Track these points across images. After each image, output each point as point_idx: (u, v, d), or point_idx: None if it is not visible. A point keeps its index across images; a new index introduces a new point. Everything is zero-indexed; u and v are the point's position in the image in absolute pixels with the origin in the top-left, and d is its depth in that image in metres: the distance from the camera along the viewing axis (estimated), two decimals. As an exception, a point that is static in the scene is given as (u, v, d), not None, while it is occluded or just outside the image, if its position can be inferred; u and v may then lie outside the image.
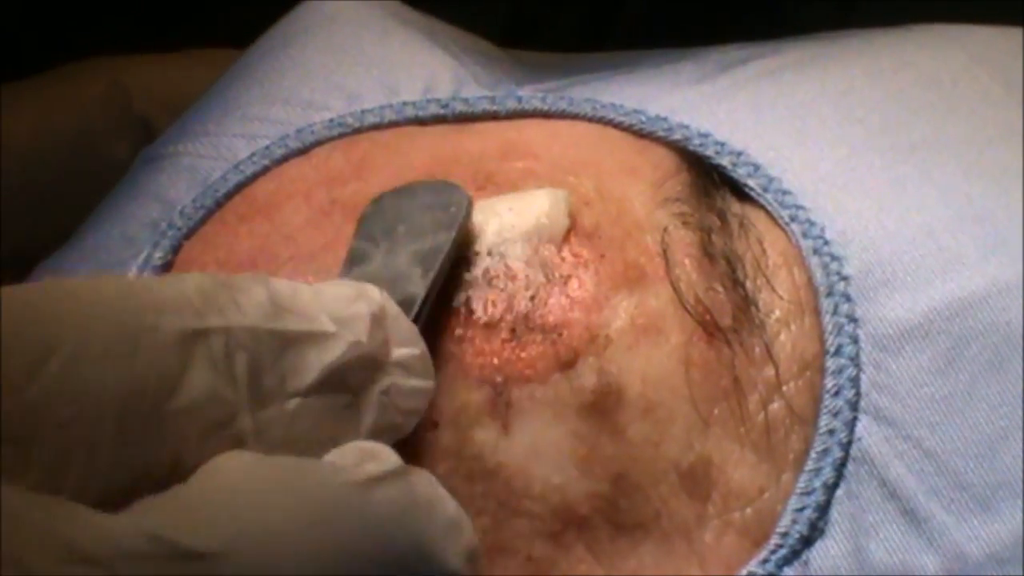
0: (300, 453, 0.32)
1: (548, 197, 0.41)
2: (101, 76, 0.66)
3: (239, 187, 0.46)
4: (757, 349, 0.40)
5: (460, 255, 0.40)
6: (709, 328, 0.40)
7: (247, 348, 0.32)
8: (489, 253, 0.40)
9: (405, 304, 0.37)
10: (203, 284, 0.32)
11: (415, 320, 0.37)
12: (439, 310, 0.39)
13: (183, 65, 0.55)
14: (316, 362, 0.33)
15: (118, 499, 0.29)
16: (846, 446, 0.39)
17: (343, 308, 0.34)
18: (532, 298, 0.40)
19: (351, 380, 0.34)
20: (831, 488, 0.39)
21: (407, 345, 0.35)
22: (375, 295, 0.35)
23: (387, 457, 0.32)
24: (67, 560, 0.25)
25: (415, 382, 0.35)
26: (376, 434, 0.34)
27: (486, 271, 0.40)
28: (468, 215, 0.40)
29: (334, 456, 0.32)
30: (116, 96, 0.65)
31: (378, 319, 0.34)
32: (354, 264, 0.39)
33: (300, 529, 0.28)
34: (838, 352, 0.40)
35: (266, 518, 0.28)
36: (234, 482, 0.29)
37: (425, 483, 0.32)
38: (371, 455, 0.32)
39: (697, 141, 0.45)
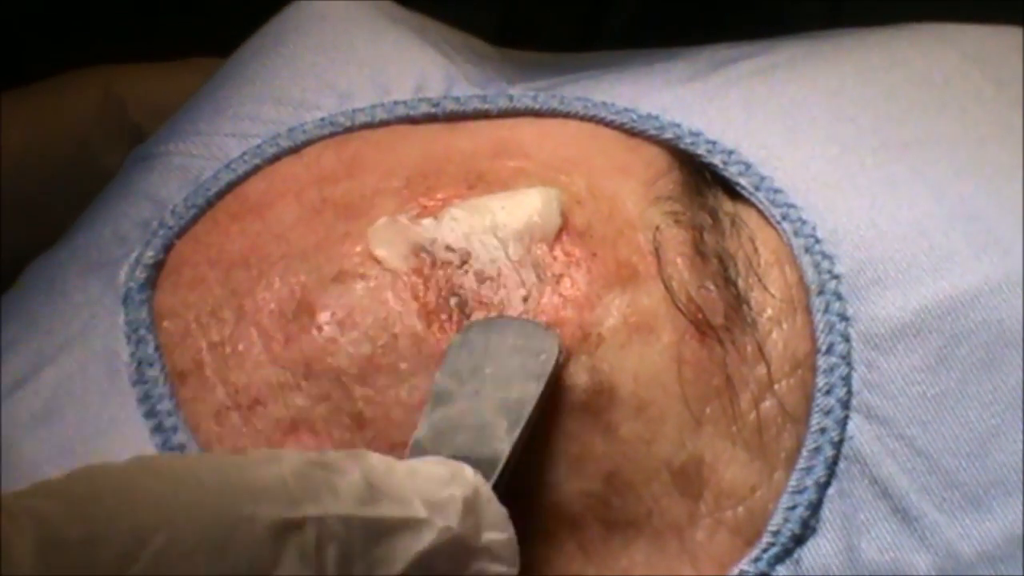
0: None
1: (540, 196, 0.41)
2: (95, 85, 0.66)
3: (231, 186, 0.46)
4: (749, 347, 0.40)
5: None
6: (701, 327, 0.40)
7: (339, 538, 0.31)
8: (481, 252, 0.40)
9: (490, 462, 0.36)
10: (299, 466, 0.32)
11: (499, 479, 0.36)
12: (430, 313, 0.39)
13: (178, 75, 0.55)
14: (407, 551, 0.33)
15: None
16: (838, 444, 0.40)
17: (437, 491, 0.34)
18: (525, 297, 0.40)
19: (438, 567, 0.33)
20: (823, 486, 0.39)
21: (496, 529, 0.35)
22: (469, 476, 0.35)
23: None
24: None
25: (500, 568, 0.35)
26: None
27: (479, 271, 0.40)
28: (558, 365, 0.39)
29: None
30: (110, 105, 0.65)
31: (470, 504, 0.34)
32: (439, 403, 0.38)
33: None
34: (830, 350, 0.40)
35: None
36: None
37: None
38: None
39: (688, 139, 0.45)
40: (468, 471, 0.35)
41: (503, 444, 0.37)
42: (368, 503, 0.32)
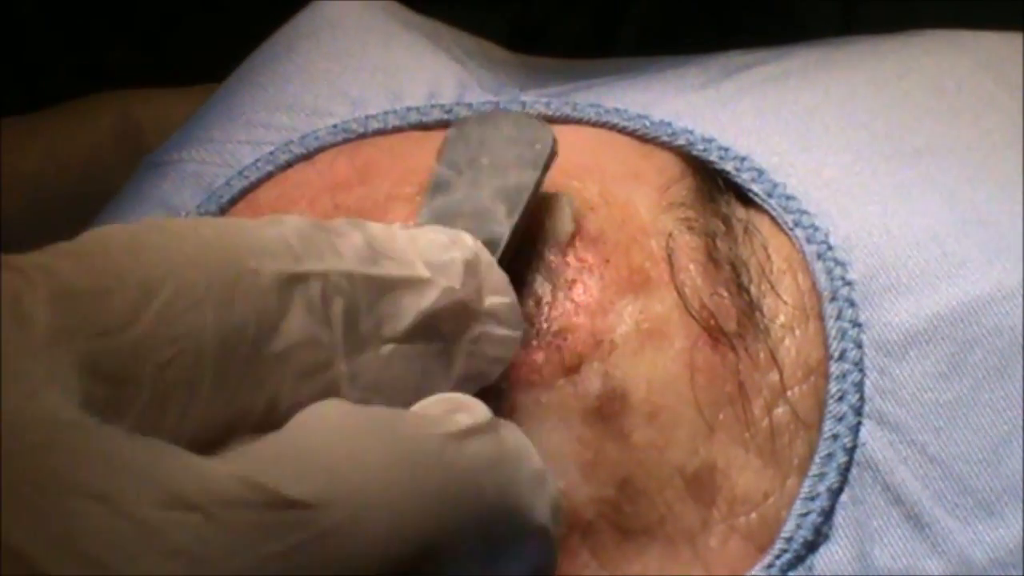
0: (392, 399, 0.32)
1: (553, 202, 0.41)
2: (112, 110, 0.66)
3: (243, 193, 0.46)
4: (762, 354, 0.40)
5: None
6: (714, 333, 0.40)
7: (344, 293, 0.32)
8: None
9: (490, 244, 0.37)
10: (302, 227, 0.32)
11: (499, 261, 0.36)
12: None
13: (194, 100, 0.55)
14: (411, 308, 0.33)
15: (214, 441, 0.29)
16: (850, 451, 0.39)
17: (438, 254, 0.34)
18: (537, 303, 0.40)
19: (443, 327, 0.34)
20: (835, 493, 0.39)
21: (498, 293, 0.35)
22: (468, 242, 0.35)
23: (477, 409, 0.31)
24: (166, 504, 0.25)
25: (504, 331, 0.35)
26: (464, 382, 0.34)
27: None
28: (553, 153, 0.40)
29: (425, 405, 0.32)
30: (127, 130, 0.65)
31: (472, 266, 0.34)
32: (437, 191, 0.39)
33: (397, 481, 0.28)
34: (842, 357, 0.40)
35: (364, 470, 0.28)
36: (331, 432, 0.29)
37: (513, 435, 0.32)
38: (461, 406, 0.31)
39: (701, 146, 0.45)
40: (467, 237, 0.35)
41: (502, 227, 0.38)
42: (371, 263, 0.32)
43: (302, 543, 0.26)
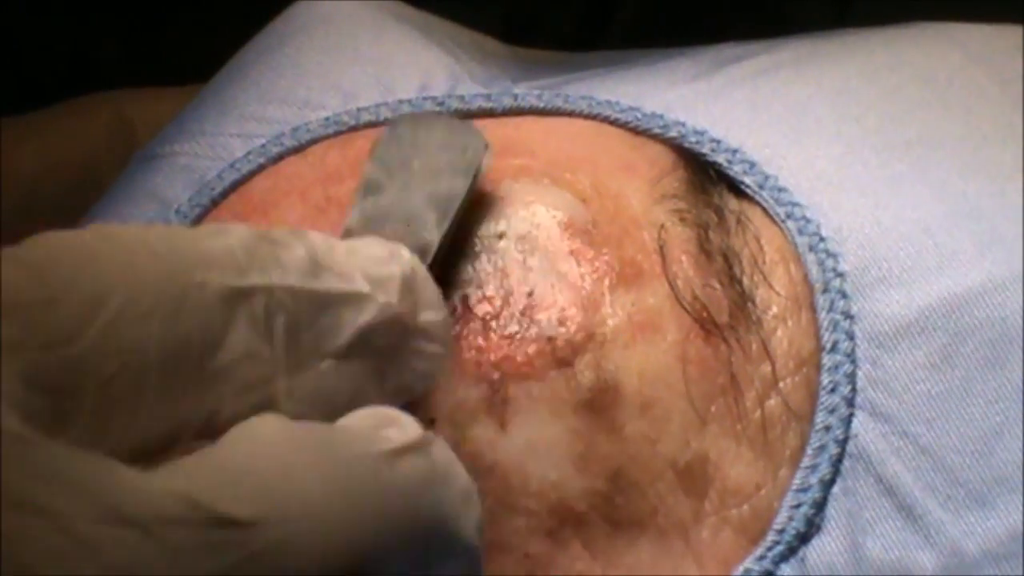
0: (326, 412, 0.32)
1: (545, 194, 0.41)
2: (106, 110, 0.66)
3: (235, 186, 0.46)
4: (754, 346, 0.40)
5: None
6: (706, 325, 0.40)
7: (287, 308, 0.32)
8: (486, 249, 0.40)
9: (420, 251, 0.37)
10: (246, 239, 0.32)
11: (428, 270, 0.37)
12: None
13: (187, 99, 0.55)
14: (350, 323, 0.33)
15: (155, 450, 0.29)
16: (842, 442, 0.40)
17: (377, 268, 0.34)
18: (529, 295, 0.40)
19: (378, 341, 0.34)
20: (828, 484, 0.39)
21: (432, 308, 0.35)
22: (406, 256, 0.35)
23: (409, 425, 0.32)
24: (105, 520, 0.25)
25: (435, 347, 0.35)
26: (393, 395, 0.34)
27: (484, 268, 0.40)
28: (484, 161, 0.40)
29: (356, 419, 0.32)
30: (121, 130, 0.65)
31: (408, 282, 0.35)
32: (368, 192, 0.39)
33: (332, 500, 0.28)
34: (834, 348, 0.40)
35: (300, 488, 0.28)
36: (268, 449, 0.29)
37: (443, 452, 0.32)
38: (392, 421, 0.32)
39: (692, 138, 0.45)
40: (405, 251, 0.35)
41: (432, 235, 0.38)
42: (313, 277, 0.33)
43: (239, 561, 0.26)
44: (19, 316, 0.28)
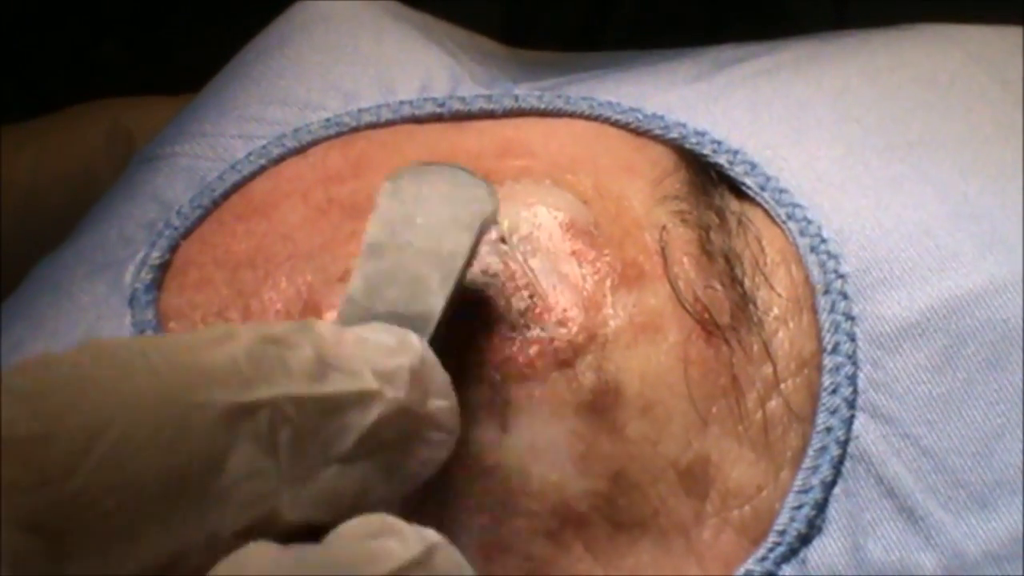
0: (331, 513, 0.32)
1: (547, 195, 0.41)
2: (104, 118, 0.66)
3: (236, 187, 0.46)
4: (755, 347, 0.40)
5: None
6: (707, 326, 0.40)
7: (292, 421, 0.31)
8: (488, 251, 0.40)
9: (423, 317, 0.36)
10: (251, 345, 0.31)
11: (433, 334, 0.36)
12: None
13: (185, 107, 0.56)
14: (357, 425, 0.33)
15: None
16: (843, 444, 0.40)
17: (386, 360, 0.34)
18: (531, 296, 0.40)
19: (385, 435, 0.33)
20: (829, 486, 0.39)
21: (440, 396, 0.35)
22: (415, 344, 0.34)
23: (410, 536, 0.31)
24: None
25: (442, 436, 0.35)
26: (400, 485, 0.34)
27: (485, 269, 0.40)
28: (490, 217, 0.39)
29: (357, 529, 0.31)
30: (119, 138, 0.65)
31: (417, 372, 0.34)
32: (371, 255, 0.38)
33: None
34: (835, 350, 0.40)
35: None
36: None
37: (446, 560, 0.31)
38: (392, 530, 0.31)
39: (693, 139, 0.45)
40: (414, 338, 0.35)
41: (436, 298, 0.37)
42: (319, 379, 0.32)
43: None
44: (14, 453, 0.27)
